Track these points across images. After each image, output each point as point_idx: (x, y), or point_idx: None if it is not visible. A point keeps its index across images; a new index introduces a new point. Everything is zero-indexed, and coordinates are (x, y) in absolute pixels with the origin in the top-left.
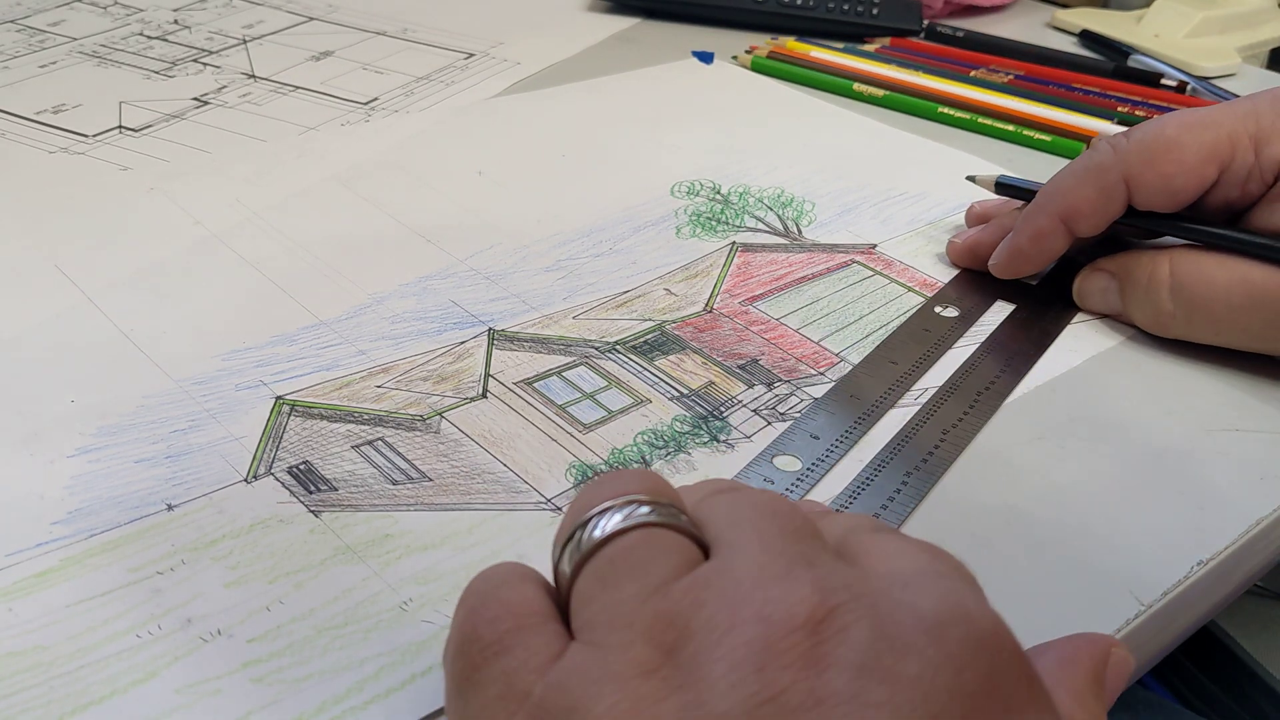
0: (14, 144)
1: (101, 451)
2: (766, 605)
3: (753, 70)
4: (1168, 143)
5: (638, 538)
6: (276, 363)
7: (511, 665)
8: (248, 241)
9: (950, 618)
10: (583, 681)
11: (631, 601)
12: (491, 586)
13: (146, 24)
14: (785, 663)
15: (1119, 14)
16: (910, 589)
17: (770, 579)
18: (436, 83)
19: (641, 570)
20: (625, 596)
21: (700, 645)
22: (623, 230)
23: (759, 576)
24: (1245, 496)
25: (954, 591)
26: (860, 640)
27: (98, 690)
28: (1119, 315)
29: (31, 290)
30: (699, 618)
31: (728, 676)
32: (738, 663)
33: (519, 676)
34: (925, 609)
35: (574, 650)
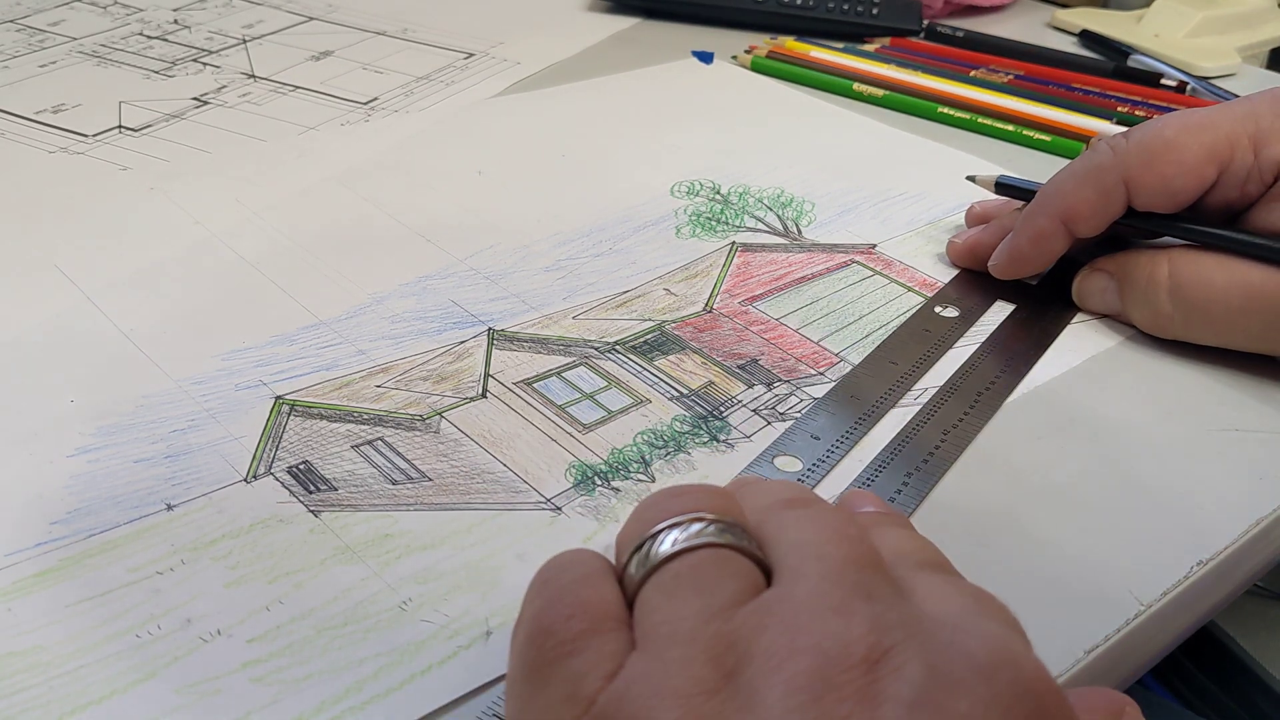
0: (14, 144)
1: (101, 451)
2: (825, 638)
3: (752, 70)
4: (1166, 144)
5: (704, 557)
6: (276, 362)
7: (581, 668)
8: (248, 241)
9: (1000, 661)
10: (644, 693)
11: (694, 619)
12: (570, 580)
13: (146, 24)
14: (842, 695)
15: (1119, 14)
16: (960, 632)
17: (829, 610)
18: (436, 83)
19: (706, 590)
20: (689, 613)
21: (759, 670)
22: (623, 230)
23: (818, 606)
24: (1245, 496)
25: (1002, 636)
26: (914, 678)
27: (97, 690)
28: (1118, 315)
29: (31, 290)
30: (759, 643)
31: (784, 702)
32: (795, 690)
33: (586, 681)
34: (975, 651)
35: (636, 660)
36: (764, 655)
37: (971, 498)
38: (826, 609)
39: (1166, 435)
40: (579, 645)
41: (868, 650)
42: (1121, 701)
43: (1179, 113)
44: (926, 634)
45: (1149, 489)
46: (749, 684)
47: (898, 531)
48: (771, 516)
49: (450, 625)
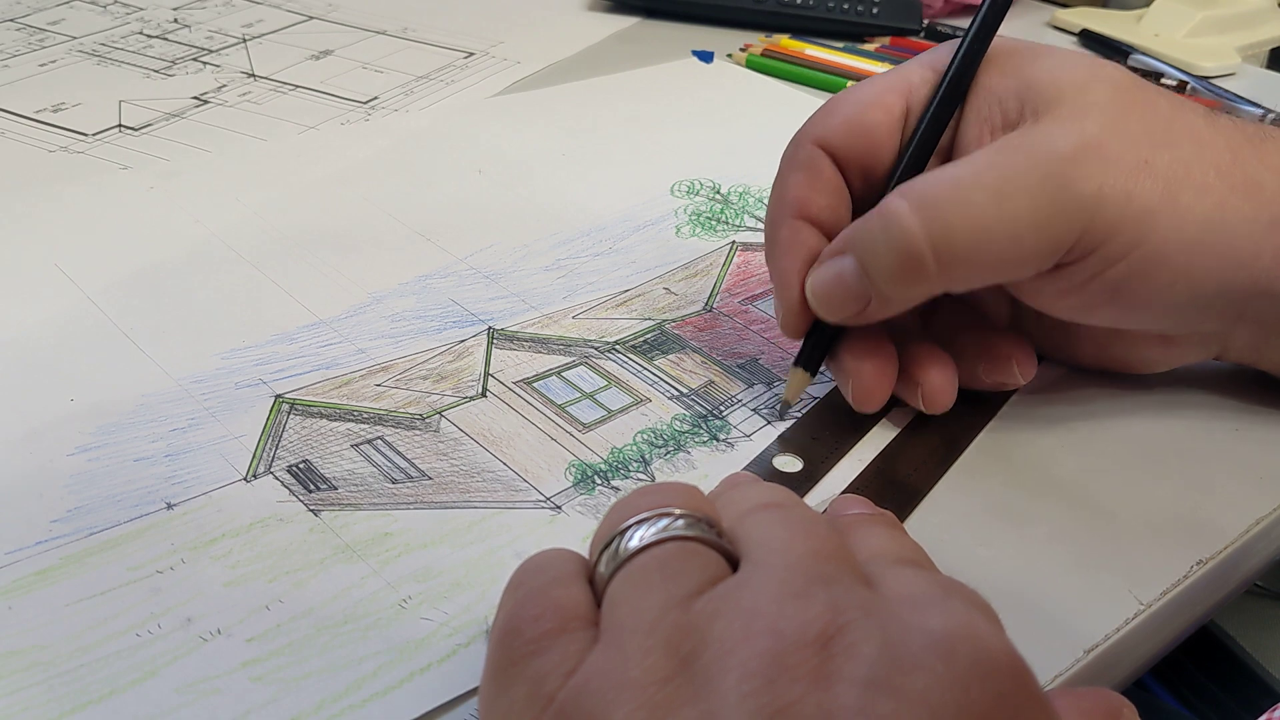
0: (14, 143)
1: (101, 450)
2: (780, 619)
3: (748, 69)
4: (838, 99)
5: (670, 549)
6: (276, 361)
7: (543, 668)
8: (248, 241)
9: (959, 637)
10: (602, 687)
11: (655, 609)
12: (543, 582)
13: (146, 23)
14: (795, 676)
15: (1119, 14)
16: (921, 610)
17: (787, 595)
18: (436, 82)
19: (670, 580)
20: (650, 604)
21: (714, 656)
22: (622, 230)
23: (777, 593)
24: (1245, 496)
25: (964, 613)
26: (869, 656)
27: (97, 689)
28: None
29: (31, 290)
30: (714, 629)
31: (739, 688)
32: (749, 674)
33: (548, 680)
34: (935, 628)
35: (596, 653)
36: (718, 641)
37: (971, 498)
38: (784, 595)
39: (1167, 435)
40: (544, 645)
41: (821, 629)
42: (1118, 703)
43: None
44: (885, 613)
45: (1149, 489)
46: (704, 670)
47: (880, 530)
48: (747, 517)
49: (450, 623)
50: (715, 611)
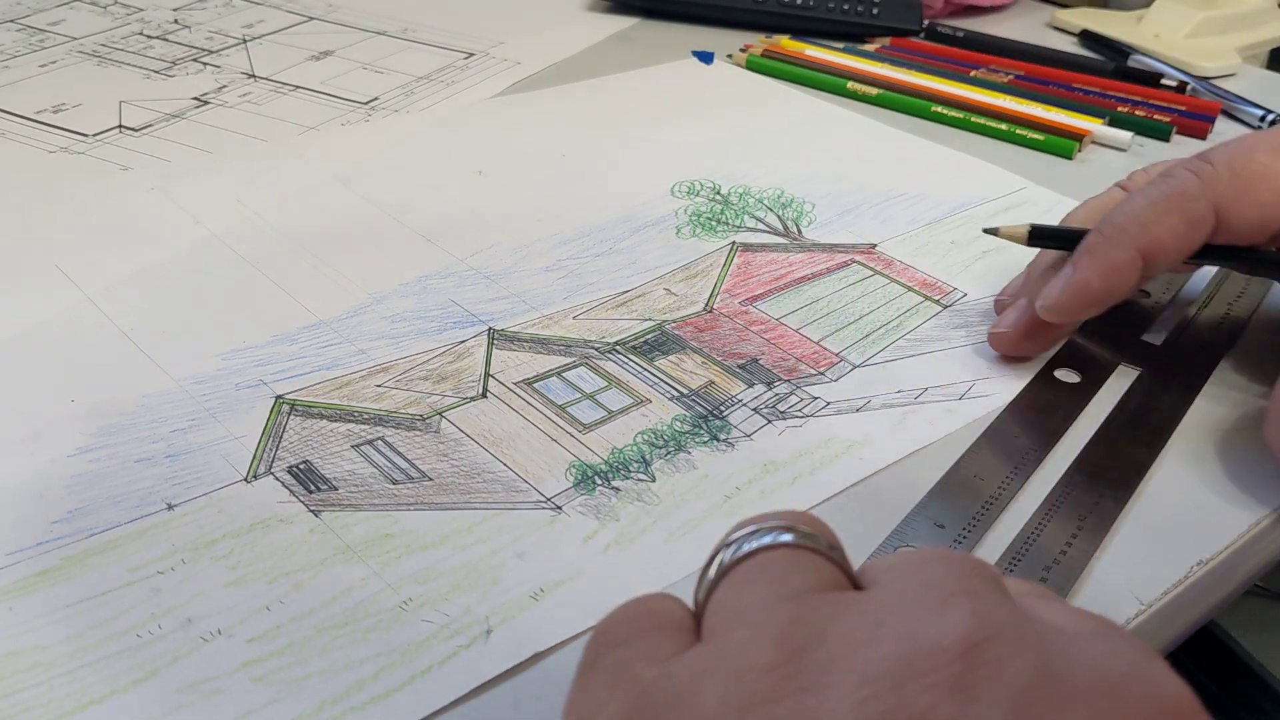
0: (14, 144)
1: (101, 451)
2: (914, 623)
3: (748, 69)
4: (1262, 170)
5: (782, 552)
6: (276, 362)
7: (628, 655)
8: (248, 241)
9: (1131, 675)
10: (695, 672)
11: (762, 604)
12: (638, 599)
13: (146, 23)
14: (929, 683)
15: (1119, 14)
16: (1084, 642)
17: (924, 603)
18: (436, 83)
19: (779, 578)
20: (757, 599)
21: (833, 653)
22: (623, 230)
23: (914, 598)
24: (1245, 496)
25: (1134, 650)
26: (1021, 675)
27: (98, 690)
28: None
29: (31, 290)
30: (836, 626)
31: (859, 690)
32: (873, 676)
33: (632, 665)
34: (1100, 660)
35: (694, 648)
36: (838, 639)
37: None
38: (921, 601)
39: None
40: (631, 639)
41: (964, 637)
42: None
43: (1261, 135)
44: (1040, 636)
45: (1149, 488)
46: (818, 665)
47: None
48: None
49: (450, 625)
50: (836, 611)
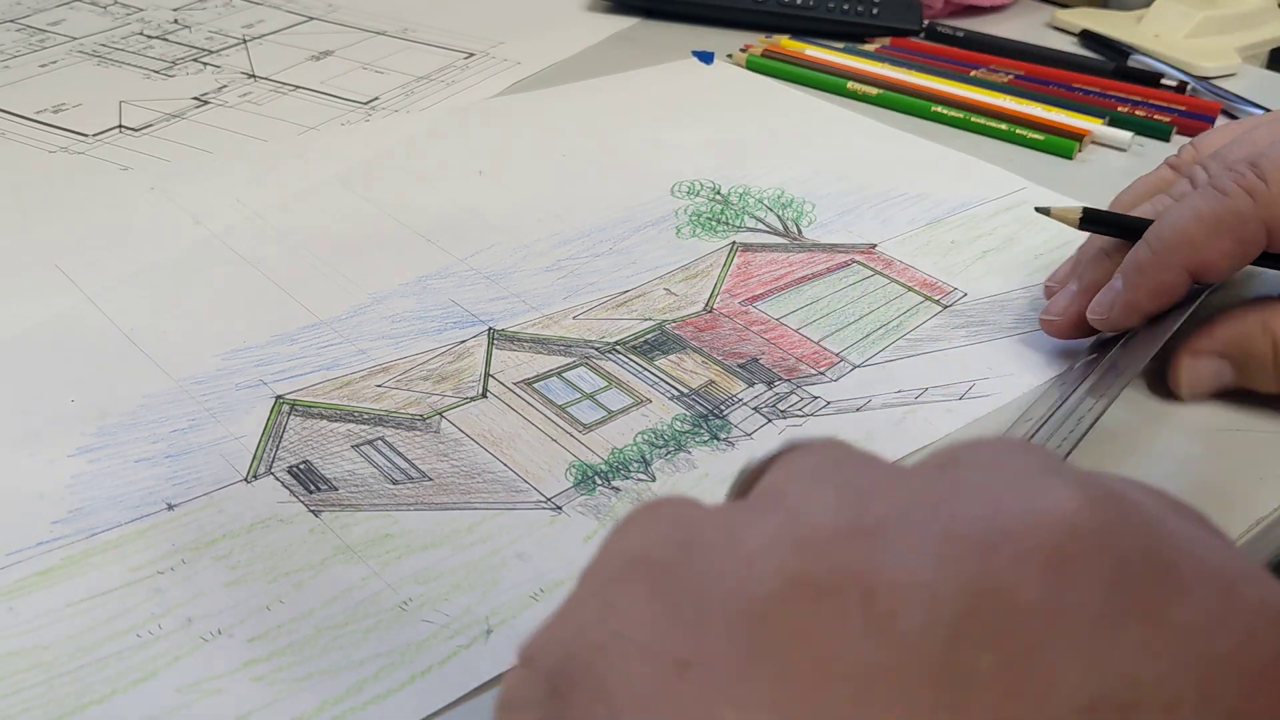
0: (14, 144)
1: (101, 451)
2: (1007, 491)
3: (748, 69)
4: None
5: (833, 444)
6: (277, 362)
7: (678, 505)
8: (248, 241)
9: (1243, 575)
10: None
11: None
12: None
13: (146, 23)
14: (1019, 555)
15: (1119, 14)
16: (1191, 532)
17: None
18: (436, 83)
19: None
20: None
21: (903, 508)
22: (623, 230)
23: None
24: (1245, 496)
25: (1239, 551)
26: (1124, 558)
27: (98, 689)
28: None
29: (31, 290)
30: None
31: (940, 547)
32: (956, 537)
33: (684, 509)
34: (1210, 555)
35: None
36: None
37: None
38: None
39: (1166, 434)
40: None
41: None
42: None
43: None
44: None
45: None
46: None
47: None
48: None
49: (451, 625)
50: (919, 474)
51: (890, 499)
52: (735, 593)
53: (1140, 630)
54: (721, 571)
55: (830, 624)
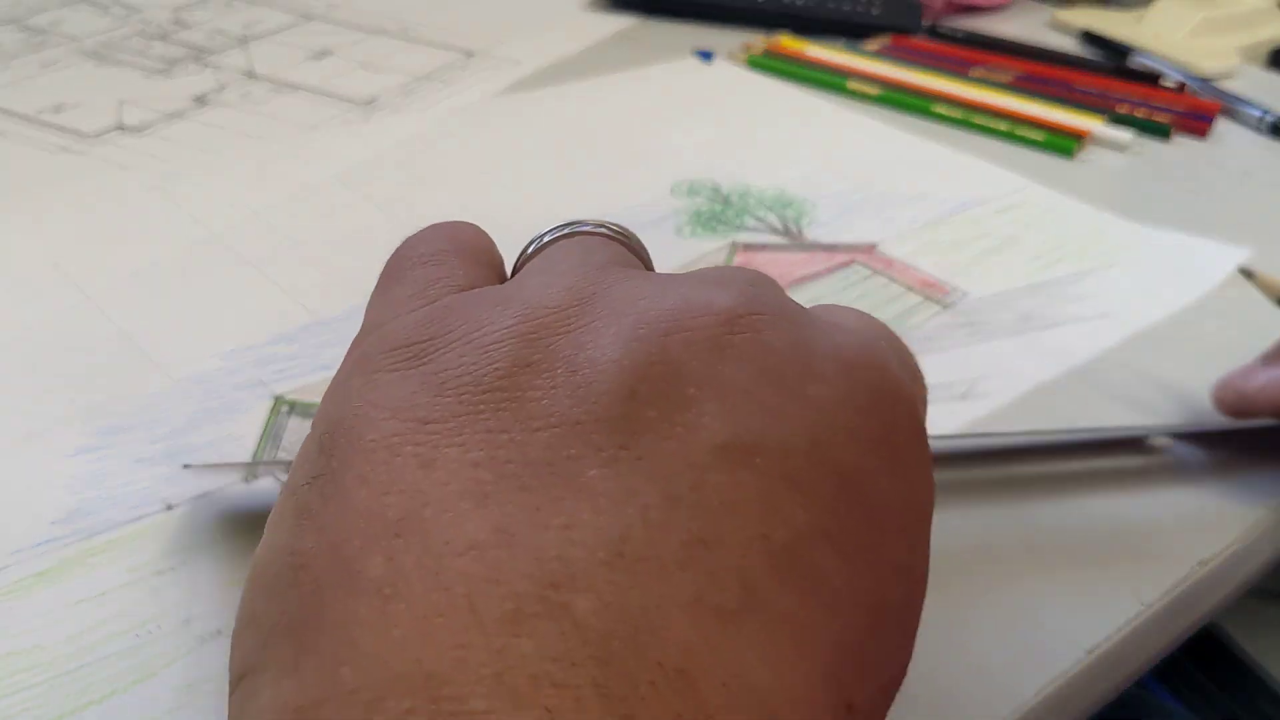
0: (14, 144)
1: (101, 451)
2: (692, 291)
3: (749, 68)
4: None
5: (595, 238)
6: (276, 362)
7: (434, 274)
8: (248, 241)
9: (868, 363)
10: (490, 300)
11: (566, 263)
12: (448, 222)
13: (147, 24)
14: (690, 338)
15: (1119, 14)
16: (839, 331)
17: (706, 281)
18: (436, 82)
19: (588, 249)
20: (562, 258)
21: (615, 304)
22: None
23: (697, 278)
24: (1246, 496)
25: (879, 343)
26: (772, 343)
27: (98, 690)
28: None
29: (31, 290)
30: (626, 285)
31: (631, 331)
32: (644, 321)
33: (436, 284)
34: (844, 346)
35: (496, 285)
36: (625, 294)
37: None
38: (703, 279)
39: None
40: (442, 258)
41: (731, 308)
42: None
43: None
44: (799, 319)
45: (1150, 488)
46: (599, 310)
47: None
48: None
49: None
50: (629, 276)
51: (605, 295)
52: (471, 372)
53: (776, 398)
54: (462, 357)
55: (539, 391)
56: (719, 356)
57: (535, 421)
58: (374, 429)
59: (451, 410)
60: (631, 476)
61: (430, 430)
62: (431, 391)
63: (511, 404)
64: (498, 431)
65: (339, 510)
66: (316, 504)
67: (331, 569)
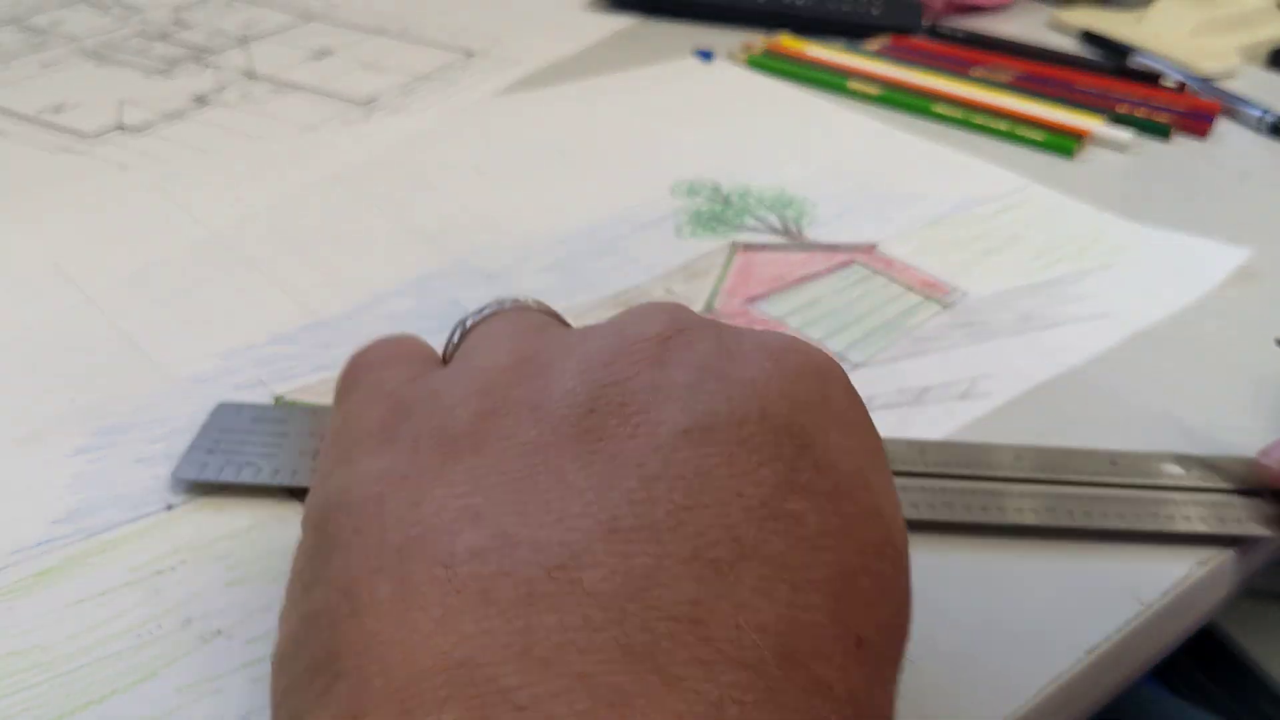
0: (14, 144)
1: (101, 451)
2: (624, 328)
3: (749, 68)
4: None
5: (513, 311)
6: (276, 361)
7: (384, 375)
8: (248, 241)
9: (790, 348)
10: (444, 377)
11: (502, 333)
12: (386, 337)
13: (147, 24)
14: (633, 359)
15: (1119, 14)
16: (757, 333)
17: (632, 318)
18: (436, 82)
19: (513, 321)
20: (496, 330)
21: (556, 352)
22: (623, 229)
23: (622, 319)
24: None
25: (795, 338)
26: (704, 349)
27: (98, 690)
28: None
29: (31, 290)
30: (561, 337)
31: (577, 367)
32: (588, 358)
33: (388, 383)
34: (765, 340)
35: (443, 368)
36: (562, 342)
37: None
38: (629, 317)
39: (1167, 435)
40: (389, 363)
41: (661, 330)
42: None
43: None
44: (722, 328)
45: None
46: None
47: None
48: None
49: None
50: (561, 332)
51: (547, 349)
52: (440, 428)
53: (718, 385)
54: (430, 420)
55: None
56: (660, 368)
57: (510, 451)
58: (360, 492)
59: (429, 463)
60: (608, 469)
61: (413, 481)
62: (407, 454)
63: (484, 444)
64: (477, 466)
65: (341, 562)
66: (320, 567)
67: (343, 605)
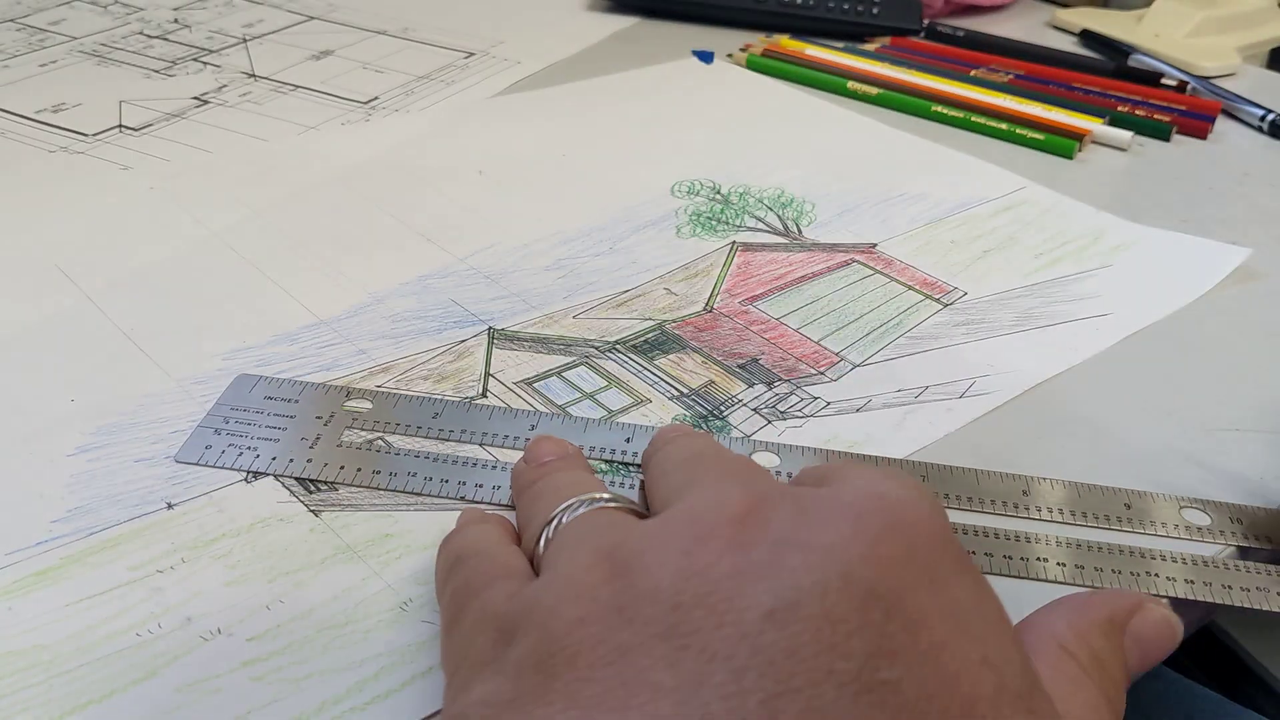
0: (14, 143)
1: (101, 450)
2: (697, 506)
3: (748, 69)
4: None
5: (586, 511)
6: (277, 362)
7: (486, 598)
8: (248, 241)
9: (869, 501)
10: (538, 589)
11: (585, 540)
12: (484, 545)
13: (147, 23)
14: (712, 547)
15: (1119, 14)
16: (841, 485)
17: (706, 498)
18: (436, 82)
19: (587, 522)
20: (584, 537)
21: (636, 546)
22: (623, 230)
23: (697, 500)
24: (1245, 497)
25: (879, 484)
26: (782, 521)
27: (98, 689)
28: None
29: (31, 290)
30: (639, 530)
31: (662, 563)
32: (669, 551)
33: (492, 604)
34: (845, 497)
35: (536, 581)
36: (642, 536)
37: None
38: (704, 498)
39: (1166, 435)
40: (488, 585)
41: (737, 510)
42: (1136, 598)
43: None
44: (802, 493)
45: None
46: (628, 557)
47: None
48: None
49: None
50: (637, 522)
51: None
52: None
53: (798, 558)
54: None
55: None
56: (740, 550)
57: (602, 659)
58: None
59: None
60: (696, 666)
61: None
62: (512, 679)
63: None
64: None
65: None
66: None
67: None
